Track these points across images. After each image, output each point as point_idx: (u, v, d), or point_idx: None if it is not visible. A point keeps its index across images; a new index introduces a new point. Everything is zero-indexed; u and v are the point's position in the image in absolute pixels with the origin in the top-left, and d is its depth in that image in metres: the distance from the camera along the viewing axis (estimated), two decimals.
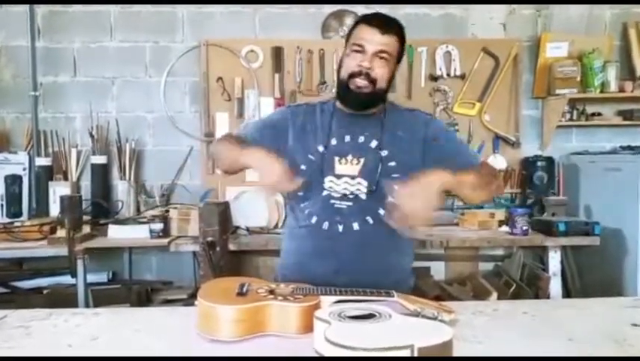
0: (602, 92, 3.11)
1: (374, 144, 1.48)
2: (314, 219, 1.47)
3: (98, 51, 3.19)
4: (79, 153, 3.15)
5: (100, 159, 3.11)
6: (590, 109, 3.23)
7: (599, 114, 3.22)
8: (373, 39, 1.42)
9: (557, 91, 3.10)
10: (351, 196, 1.45)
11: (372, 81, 1.43)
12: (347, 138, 1.49)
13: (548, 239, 2.68)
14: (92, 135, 3.10)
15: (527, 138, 3.28)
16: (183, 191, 3.21)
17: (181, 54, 3.18)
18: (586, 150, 3.24)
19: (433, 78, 3.20)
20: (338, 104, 1.55)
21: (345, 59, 1.47)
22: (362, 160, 1.46)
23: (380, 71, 1.43)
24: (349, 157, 1.47)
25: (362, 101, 1.47)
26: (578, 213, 3.08)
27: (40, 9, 3.15)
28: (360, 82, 1.43)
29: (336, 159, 1.47)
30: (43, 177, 3.07)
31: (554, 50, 3.20)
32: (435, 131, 1.52)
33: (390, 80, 1.49)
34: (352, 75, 1.44)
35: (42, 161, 3.09)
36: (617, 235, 2.79)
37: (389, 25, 1.44)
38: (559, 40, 3.19)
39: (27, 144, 3.14)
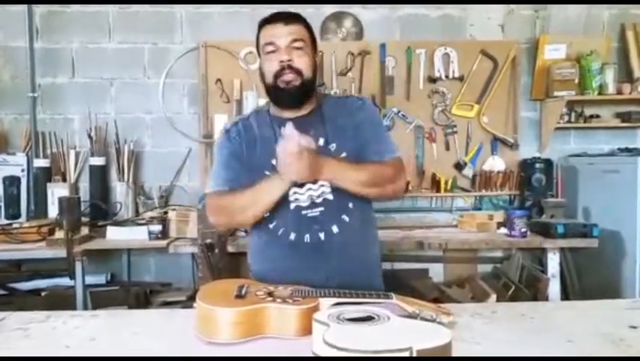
0: (600, 94, 3.12)
1: (322, 141, 1.45)
2: (292, 236, 1.44)
3: (97, 52, 3.19)
4: (77, 155, 3.15)
5: (98, 161, 3.11)
6: (588, 111, 3.23)
7: (597, 116, 3.23)
8: (281, 32, 1.42)
9: (555, 93, 3.10)
10: (319, 201, 1.43)
11: (298, 72, 1.42)
12: None
13: (547, 241, 2.68)
14: (90, 137, 3.10)
15: (525, 140, 3.29)
16: (182, 192, 3.21)
17: (180, 55, 3.19)
18: (584, 152, 3.25)
19: (432, 80, 3.21)
20: (273, 110, 1.52)
21: (263, 66, 1.46)
22: None
23: (301, 60, 1.42)
24: None
25: (295, 96, 1.44)
26: (577, 215, 3.09)
27: (39, 9, 3.15)
28: (287, 76, 1.41)
29: None
30: (42, 179, 3.07)
31: (552, 52, 3.20)
32: (366, 115, 1.52)
33: (315, 69, 1.48)
34: (277, 74, 1.42)
35: (40, 162, 3.08)
36: (616, 236, 2.79)
37: (290, 16, 1.46)
38: (557, 42, 3.20)
39: (25, 145, 3.14)
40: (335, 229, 1.44)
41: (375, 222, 1.61)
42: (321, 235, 1.44)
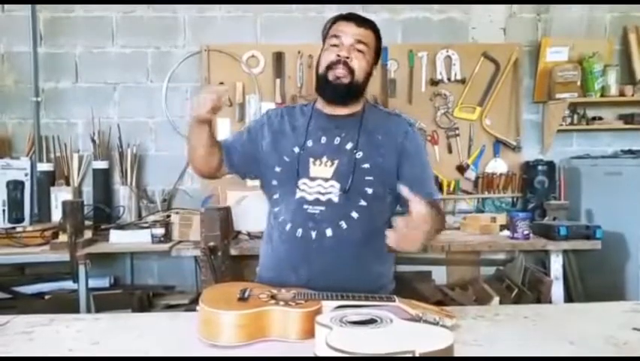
0: (602, 96, 3.12)
1: (349, 145, 1.46)
2: (288, 227, 1.44)
3: (100, 57, 3.21)
4: (80, 159, 3.16)
5: (101, 164, 3.11)
6: (591, 113, 3.23)
7: (600, 118, 3.23)
8: (350, 30, 1.46)
9: (558, 95, 3.10)
10: (323, 200, 1.42)
11: (351, 71, 1.44)
12: (323, 140, 1.48)
13: (550, 243, 2.68)
14: (93, 141, 3.11)
15: (528, 142, 3.29)
16: (185, 196, 3.21)
17: (182, 59, 3.20)
18: (587, 154, 3.24)
19: (434, 83, 3.21)
20: (317, 104, 1.55)
21: (322, 55, 1.49)
22: (336, 162, 1.44)
23: (357, 63, 1.45)
24: (324, 159, 1.45)
25: (341, 92, 1.46)
26: (580, 217, 3.08)
27: (42, 14, 3.17)
28: (339, 71, 1.44)
29: (311, 160, 1.45)
30: (45, 183, 3.08)
31: (554, 55, 3.20)
32: (412, 147, 1.50)
33: (368, 76, 1.49)
34: (330, 66, 1.45)
35: (44, 166, 3.09)
36: (619, 238, 2.79)
37: (365, 20, 1.49)
38: (559, 45, 3.20)
39: (29, 149, 3.15)
40: (329, 232, 1.41)
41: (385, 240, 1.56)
42: (313, 234, 1.41)
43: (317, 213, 1.42)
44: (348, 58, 1.43)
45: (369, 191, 1.43)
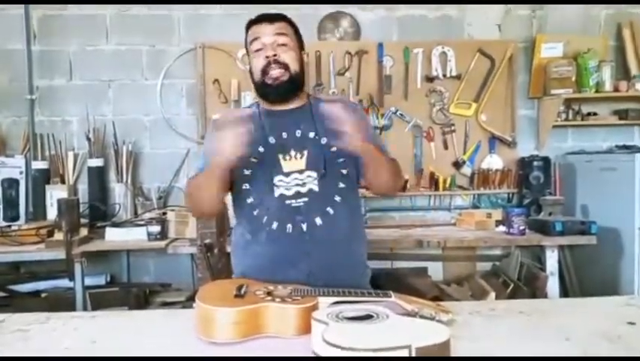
0: (597, 91, 3.13)
1: (312, 134, 1.47)
2: (275, 225, 1.42)
3: (94, 54, 3.19)
4: (76, 156, 3.15)
5: (97, 162, 3.10)
6: (586, 109, 3.24)
7: (595, 114, 3.24)
8: (266, 30, 1.47)
9: (553, 91, 3.11)
10: (304, 191, 1.42)
11: (285, 67, 1.44)
12: (284, 135, 1.47)
13: (545, 238, 2.69)
14: (88, 138, 3.10)
15: (523, 138, 3.30)
16: (180, 193, 3.20)
17: (177, 57, 3.19)
18: (582, 149, 3.26)
19: (429, 79, 3.21)
20: (262, 104, 1.55)
21: (252, 63, 1.49)
22: (305, 152, 1.45)
23: (286, 55, 1.46)
24: (292, 152, 1.45)
25: (283, 91, 1.46)
26: (575, 212, 3.10)
27: (36, 12, 3.15)
28: (274, 71, 1.44)
29: (280, 156, 1.45)
30: (40, 181, 3.07)
31: (549, 50, 3.21)
32: (359, 117, 1.54)
33: (302, 64, 1.51)
34: (264, 71, 1.45)
35: (39, 164, 3.08)
36: (614, 233, 2.80)
37: (275, 15, 1.51)
38: (554, 41, 3.21)
39: (24, 147, 3.14)
40: (318, 220, 1.42)
41: (363, 220, 1.60)
42: (304, 226, 1.41)
43: (302, 206, 1.42)
44: (275, 55, 1.44)
45: (344, 172, 1.46)
